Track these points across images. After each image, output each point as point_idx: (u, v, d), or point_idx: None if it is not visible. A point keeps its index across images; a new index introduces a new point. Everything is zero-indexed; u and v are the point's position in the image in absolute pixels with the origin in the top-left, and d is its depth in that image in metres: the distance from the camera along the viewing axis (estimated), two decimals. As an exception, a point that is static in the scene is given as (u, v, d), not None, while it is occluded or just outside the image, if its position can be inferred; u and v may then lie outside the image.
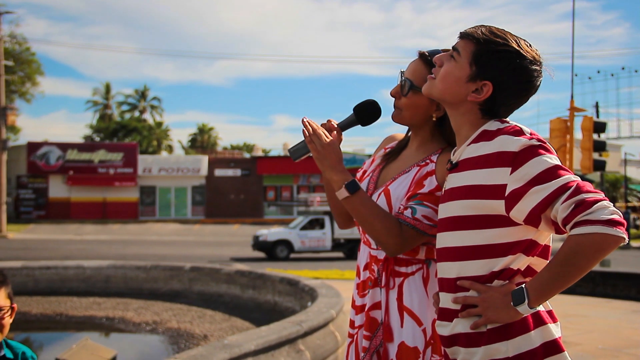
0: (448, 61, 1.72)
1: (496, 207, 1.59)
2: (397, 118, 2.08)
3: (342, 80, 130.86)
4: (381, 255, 2.01)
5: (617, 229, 1.45)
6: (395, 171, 2.09)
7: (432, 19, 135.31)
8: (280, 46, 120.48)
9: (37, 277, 9.59)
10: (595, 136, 13.15)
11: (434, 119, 2.05)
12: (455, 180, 1.69)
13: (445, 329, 1.70)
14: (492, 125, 1.66)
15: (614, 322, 7.01)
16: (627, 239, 1.47)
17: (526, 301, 1.53)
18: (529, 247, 1.61)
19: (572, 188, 1.50)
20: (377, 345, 1.98)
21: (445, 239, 1.71)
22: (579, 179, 1.53)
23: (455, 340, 1.67)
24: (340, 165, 1.95)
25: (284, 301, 7.93)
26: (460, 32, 1.73)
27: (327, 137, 1.95)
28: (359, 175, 2.22)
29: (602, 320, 7.09)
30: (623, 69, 62.52)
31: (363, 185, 2.13)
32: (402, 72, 2.07)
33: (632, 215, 34.11)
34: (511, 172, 1.55)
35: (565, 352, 1.61)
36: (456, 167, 1.70)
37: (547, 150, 1.57)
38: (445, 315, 1.70)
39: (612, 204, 1.49)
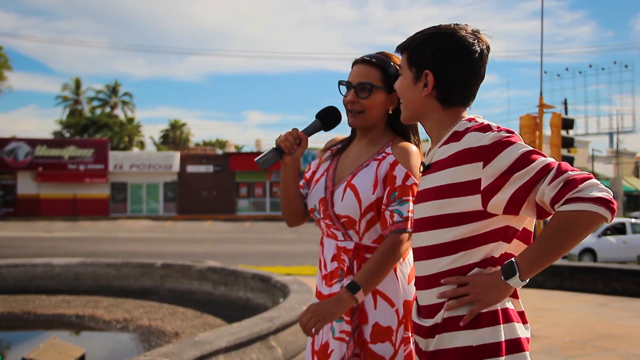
0: (399, 82, 1.79)
1: (471, 203, 1.59)
2: (360, 122, 2.15)
3: (315, 76, 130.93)
4: (350, 245, 2.10)
5: (604, 208, 1.47)
6: (350, 167, 2.17)
7: (403, 16, 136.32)
8: (253, 42, 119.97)
9: (4, 275, 9.41)
10: (563, 132, 13.33)
11: (389, 112, 2.16)
12: (427, 181, 1.70)
13: (428, 323, 1.69)
14: (461, 125, 1.67)
15: (581, 315, 7.14)
16: (612, 218, 1.48)
17: (517, 274, 1.55)
18: (507, 235, 1.63)
19: (555, 168, 1.52)
20: (354, 328, 2.09)
21: (422, 239, 1.71)
22: (555, 160, 1.55)
23: (434, 330, 1.66)
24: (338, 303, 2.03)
25: (256, 298, 7.91)
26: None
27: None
28: (308, 174, 2.30)
29: (570, 313, 7.22)
30: (590, 66, 63.22)
31: (321, 183, 2.20)
32: (344, 82, 2.16)
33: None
34: (484, 166, 1.56)
35: (527, 352, 1.62)
36: (428, 169, 1.71)
37: (518, 139, 1.59)
38: (428, 312, 1.69)
39: (599, 182, 1.50)
